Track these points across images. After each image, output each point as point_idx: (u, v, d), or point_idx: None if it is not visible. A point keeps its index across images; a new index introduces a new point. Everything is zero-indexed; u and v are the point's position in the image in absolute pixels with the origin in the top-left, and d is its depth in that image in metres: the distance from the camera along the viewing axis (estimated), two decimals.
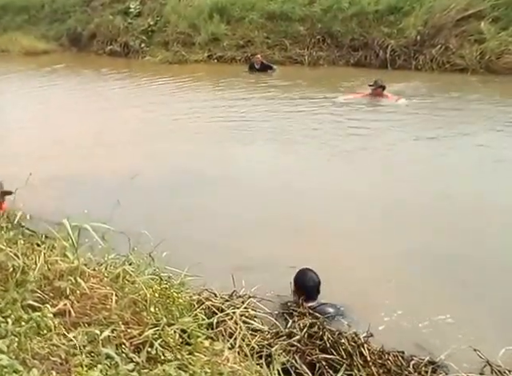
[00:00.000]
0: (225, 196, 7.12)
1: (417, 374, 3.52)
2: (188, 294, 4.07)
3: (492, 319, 4.43)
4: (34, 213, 5.24)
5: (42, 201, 6.39)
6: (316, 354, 3.60)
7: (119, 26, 20.33)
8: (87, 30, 21.34)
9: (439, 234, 5.92)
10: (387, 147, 8.76)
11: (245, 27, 17.83)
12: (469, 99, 11.54)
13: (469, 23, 14.71)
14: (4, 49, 21.71)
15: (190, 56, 17.90)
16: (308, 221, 6.27)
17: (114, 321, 3.36)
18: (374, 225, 6.22)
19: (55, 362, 2.92)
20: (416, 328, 4.31)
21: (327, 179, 7.56)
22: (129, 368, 2.95)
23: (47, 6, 23.81)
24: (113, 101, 13.28)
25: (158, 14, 20.02)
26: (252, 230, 6.14)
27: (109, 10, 21.29)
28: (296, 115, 10.93)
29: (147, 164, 8.18)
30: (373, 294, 4.85)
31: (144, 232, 4.46)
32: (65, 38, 22.00)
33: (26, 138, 10.19)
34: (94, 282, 3.66)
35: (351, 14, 16.29)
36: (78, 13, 22.44)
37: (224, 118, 11.06)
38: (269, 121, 10.61)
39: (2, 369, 2.58)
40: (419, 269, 5.26)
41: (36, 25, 23.47)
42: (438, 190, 6.88)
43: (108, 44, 20.44)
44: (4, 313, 3.20)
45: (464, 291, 4.87)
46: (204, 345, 3.38)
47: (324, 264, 5.24)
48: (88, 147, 9.25)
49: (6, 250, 3.68)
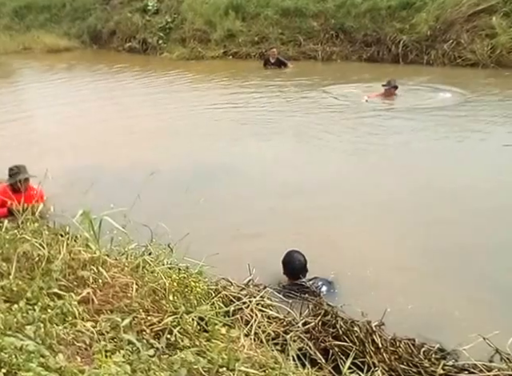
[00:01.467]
0: (240, 189, 7.22)
1: (427, 361, 3.60)
2: (205, 283, 4.18)
3: (501, 308, 4.50)
4: (57, 205, 5.41)
5: (65, 193, 6.57)
6: (329, 340, 3.71)
7: (138, 24, 20.61)
8: (107, 28, 21.68)
9: (451, 224, 5.99)
10: (401, 145, 8.77)
11: (260, 23, 17.92)
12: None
13: (480, 18, 14.64)
14: (27, 46, 22.09)
15: (206, 52, 18.07)
16: (322, 215, 6.34)
17: (134, 308, 3.50)
18: (388, 216, 6.30)
19: (80, 347, 3.05)
20: (426, 316, 4.39)
21: (342, 174, 7.63)
22: (149, 354, 3.07)
23: (68, 5, 24.30)
24: (133, 97, 13.41)
25: (175, 12, 20.22)
26: (267, 222, 6.24)
27: (128, 7, 21.59)
28: (310, 110, 10.96)
29: (165, 159, 8.28)
30: (386, 283, 4.93)
31: (161, 224, 4.59)
32: (86, 36, 22.38)
33: (51, 132, 10.46)
34: (116, 272, 3.79)
35: (364, 10, 16.35)
36: (98, 11, 22.84)
37: (240, 113, 11.15)
38: (284, 116, 10.66)
39: (29, 354, 2.69)
40: (431, 258, 5.33)
41: (58, 23, 23.95)
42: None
43: (127, 41, 20.74)
44: (31, 300, 3.34)
45: (474, 280, 4.94)
46: (221, 332, 3.51)
47: (338, 253, 5.40)
48: (109, 142, 9.43)
49: (32, 241, 3.82)
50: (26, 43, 22.26)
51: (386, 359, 3.57)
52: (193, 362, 2.96)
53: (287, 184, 7.28)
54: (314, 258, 5.02)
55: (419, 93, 11.81)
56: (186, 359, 2.99)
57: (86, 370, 2.67)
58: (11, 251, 3.80)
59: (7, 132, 10.47)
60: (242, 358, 3.12)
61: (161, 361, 3.03)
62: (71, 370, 2.64)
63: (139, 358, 2.99)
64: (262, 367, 3.14)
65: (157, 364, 2.96)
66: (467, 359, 3.62)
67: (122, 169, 8.05)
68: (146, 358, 3.00)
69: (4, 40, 22.70)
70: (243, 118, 10.74)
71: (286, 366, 3.20)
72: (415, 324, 4.18)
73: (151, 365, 2.93)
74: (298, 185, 7.24)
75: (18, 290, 3.43)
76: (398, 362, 3.57)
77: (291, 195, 6.95)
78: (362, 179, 7.40)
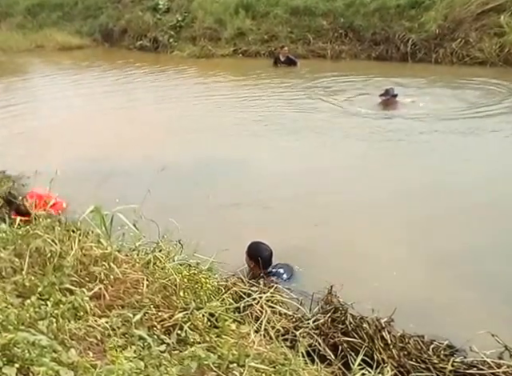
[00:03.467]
0: (250, 186, 7.26)
1: (436, 358, 3.61)
2: (216, 279, 4.21)
3: (510, 305, 4.50)
4: (69, 201, 5.44)
5: (76, 189, 6.61)
6: (338, 336, 3.73)
7: (149, 22, 20.69)
8: (118, 26, 21.77)
9: (464, 224, 5.98)
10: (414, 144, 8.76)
11: (269, 22, 17.98)
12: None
13: (489, 17, 14.62)
14: (39, 44, 22.23)
15: (216, 50, 18.13)
16: (335, 214, 6.36)
17: (145, 304, 3.52)
18: (402, 214, 6.31)
19: (91, 342, 3.07)
20: (435, 313, 4.40)
21: (353, 172, 7.62)
22: (160, 349, 3.10)
23: (80, 3, 24.46)
24: (144, 93, 13.50)
25: (185, 10, 20.31)
26: (278, 218, 6.28)
27: (139, 6, 21.71)
28: (320, 108, 10.96)
29: (175, 155, 8.31)
30: (395, 279, 4.95)
31: (172, 220, 4.61)
32: (97, 34, 22.48)
33: (62, 128, 10.57)
34: (127, 268, 3.82)
35: (373, 9, 16.38)
36: (109, 9, 22.97)
37: (252, 111, 11.17)
38: (294, 114, 10.68)
39: (42, 348, 2.70)
40: (442, 255, 5.34)
41: (70, 21, 24.11)
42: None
43: (138, 39, 20.79)
44: (43, 296, 3.37)
45: (483, 277, 4.93)
46: (231, 328, 3.53)
47: (350, 249, 5.41)
48: (119, 137, 9.51)
49: (44, 237, 3.85)
50: (38, 41, 22.38)
51: (395, 355, 3.59)
52: (203, 358, 2.99)
53: (298, 181, 7.29)
54: (326, 254, 5.04)
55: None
56: (197, 354, 3.01)
57: (99, 365, 2.69)
58: (24, 247, 3.82)
59: (18, 128, 10.59)
60: (252, 354, 3.13)
61: (172, 356, 3.05)
62: (84, 364, 2.66)
63: (150, 354, 3.02)
64: (272, 363, 3.16)
65: (168, 359, 2.98)
66: (476, 356, 3.63)
67: (132, 164, 8.10)
68: (157, 354, 3.03)
69: (17, 38, 22.85)
70: (255, 115, 10.73)
71: (296, 362, 3.21)
72: (424, 321, 4.18)
73: (162, 360, 2.95)
74: (307, 182, 7.26)
75: (30, 285, 3.45)
76: (407, 359, 3.59)
77: (302, 192, 6.95)
78: (374, 178, 7.39)
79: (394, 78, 12.69)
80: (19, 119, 11.40)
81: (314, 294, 4.32)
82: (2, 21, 25.54)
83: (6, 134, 10.21)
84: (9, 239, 4.00)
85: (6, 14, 26.02)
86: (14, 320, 2.94)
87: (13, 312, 3.02)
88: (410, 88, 11.96)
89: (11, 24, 24.95)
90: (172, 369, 2.86)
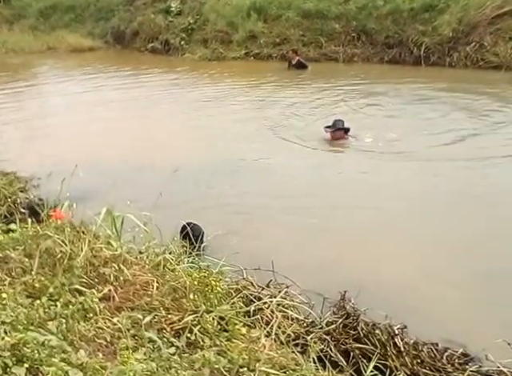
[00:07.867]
0: (261, 189, 7.21)
1: (450, 366, 3.55)
2: (226, 282, 4.18)
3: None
4: (79, 202, 5.41)
5: (89, 190, 6.60)
6: (350, 343, 3.68)
7: (160, 25, 20.74)
8: (130, 28, 21.84)
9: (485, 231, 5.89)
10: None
11: (281, 25, 17.96)
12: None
13: (504, 21, 14.57)
14: (51, 46, 22.37)
15: (227, 53, 18.14)
16: (345, 218, 6.30)
17: (155, 306, 3.51)
18: (416, 220, 6.21)
19: (101, 344, 3.06)
20: (449, 321, 4.33)
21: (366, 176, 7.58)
22: (170, 352, 3.08)
23: (92, 5, 24.64)
24: (156, 95, 13.49)
25: (197, 13, 20.33)
26: (289, 221, 6.21)
27: (151, 8, 21.77)
28: (328, 112, 10.90)
29: (187, 157, 8.29)
30: (409, 288, 4.88)
31: (182, 222, 4.59)
32: (109, 36, 22.60)
33: (75, 130, 10.57)
34: (136, 270, 3.81)
35: (386, 12, 16.33)
36: (121, 11, 23.06)
37: (261, 113, 11.14)
38: (304, 118, 10.64)
39: (51, 349, 2.70)
40: (456, 262, 5.24)
41: (82, 23, 24.32)
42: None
43: (150, 41, 20.87)
44: (53, 296, 3.36)
45: (500, 288, 4.84)
46: (241, 332, 3.50)
47: (361, 254, 5.35)
48: (132, 141, 9.48)
49: (54, 237, 3.84)
50: (50, 43, 22.52)
51: (408, 363, 3.53)
52: (214, 362, 2.96)
53: (310, 185, 7.24)
54: (340, 257, 4.99)
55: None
56: (207, 358, 2.99)
57: (109, 366, 2.67)
58: (34, 247, 3.82)
59: (29, 131, 10.63)
60: (263, 359, 3.10)
61: (182, 359, 3.03)
62: (93, 365, 2.65)
63: (160, 356, 3.00)
64: (283, 368, 3.13)
65: (178, 362, 2.96)
66: (491, 364, 3.56)
67: (145, 166, 8.06)
68: (168, 356, 3.02)
69: (29, 40, 22.98)
70: (268, 118, 10.64)
71: (307, 368, 3.18)
72: (438, 328, 4.12)
73: (172, 363, 2.94)
74: (320, 186, 7.20)
75: (40, 285, 3.46)
76: (420, 367, 3.52)
77: (315, 196, 6.87)
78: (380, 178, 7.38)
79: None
80: (31, 121, 11.40)
81: (325, 299, 4.28)
82: (15, 22, 25.73)
83: (18, 136, 10.23)
84: (19, 239, 4.00)
85: (18, 15, 26.25)
86: (24, 320, 2.94)
87: (22, 312, 3.02)
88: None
89: (24, 26, 25.13)
90: (183, 372, 2.84)
